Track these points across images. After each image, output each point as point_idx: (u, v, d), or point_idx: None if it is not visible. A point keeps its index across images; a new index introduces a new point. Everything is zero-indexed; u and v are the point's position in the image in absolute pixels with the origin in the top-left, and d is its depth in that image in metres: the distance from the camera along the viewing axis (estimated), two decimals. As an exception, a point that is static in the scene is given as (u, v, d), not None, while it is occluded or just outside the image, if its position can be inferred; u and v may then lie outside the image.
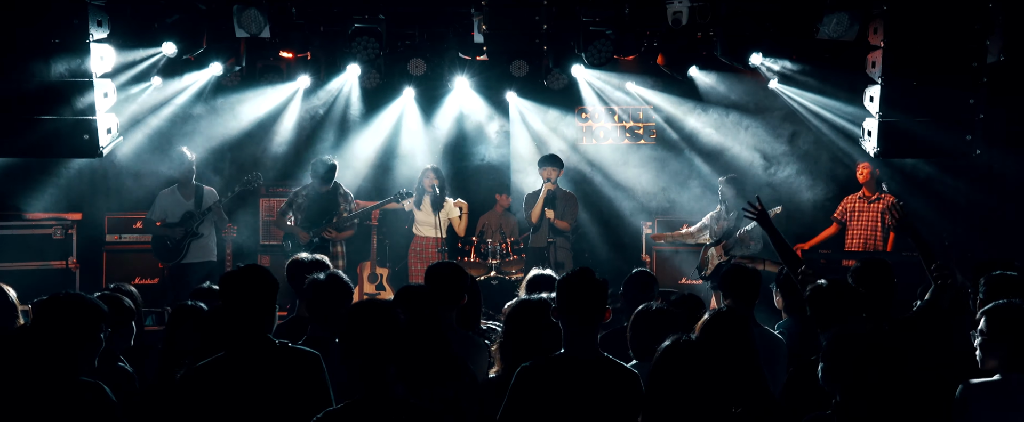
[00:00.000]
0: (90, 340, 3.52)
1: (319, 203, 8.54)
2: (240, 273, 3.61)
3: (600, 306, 3.56)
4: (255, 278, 3.60)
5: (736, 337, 3.70)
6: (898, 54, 6.57)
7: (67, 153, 7.30)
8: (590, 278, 3.59)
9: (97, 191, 9.73)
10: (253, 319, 3.52)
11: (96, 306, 3.57)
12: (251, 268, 3.66)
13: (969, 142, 6.66)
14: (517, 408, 3.48)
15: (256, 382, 3.43)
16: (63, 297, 3.55)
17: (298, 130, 10.04)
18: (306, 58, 9.02)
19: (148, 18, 7.64)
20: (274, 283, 3.63)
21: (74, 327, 3.45)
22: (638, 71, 9.77)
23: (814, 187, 9.65)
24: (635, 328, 4.19)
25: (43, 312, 3.51)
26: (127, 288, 4.76)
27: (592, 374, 3.48)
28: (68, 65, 6.38)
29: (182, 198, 8.45)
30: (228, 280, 3.59)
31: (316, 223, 8.49)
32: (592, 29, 7.66)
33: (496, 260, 8.99)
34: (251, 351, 3.49)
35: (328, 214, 8.50)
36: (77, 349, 3.41)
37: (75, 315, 3.47)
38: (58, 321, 3.45)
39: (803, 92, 8.74)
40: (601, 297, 3.57)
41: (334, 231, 8.52)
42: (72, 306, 3.50)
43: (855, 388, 3.10)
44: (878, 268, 4.59)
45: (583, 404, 3.42)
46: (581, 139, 10.60)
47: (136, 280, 8.93)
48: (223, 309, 3.59)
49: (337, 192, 8.60)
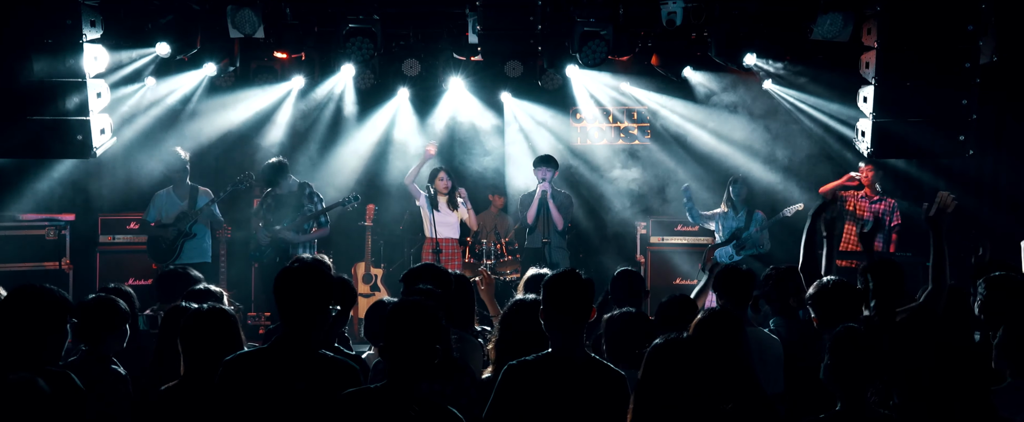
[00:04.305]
0: (55, 332, 3.48)
1: (284, 204, 8.44)
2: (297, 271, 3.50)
3: (586, 306, 3.57)
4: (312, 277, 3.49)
5: (728, 335, 3.72)
6: (891, 55, 6.59)
7: (60, 153, 7.29)
8: (575, 278, 3.61)
9: (90, 192, 9.70)
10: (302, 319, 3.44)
11: (62, 298, 3.54)
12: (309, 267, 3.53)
13: (962, 142, 6.69)
14: (503, 407, 3.49)
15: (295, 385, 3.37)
16: (28, 288, 3.51)
17: (292, 131, 10.02)
18: (300, 58, 9.02)
19: (142, 18, 7.64)
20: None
21: (39, 317, 3.41)
22: (632, 72, 9.77)
23: (807, 188, 9.67)
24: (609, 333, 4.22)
25: (8, 303, 3.49)
26: (123, 289, 4.73)
27: (578, 373, 3.49)
28: (61, 65, 6.37)
29: (177, 198, 8.42)
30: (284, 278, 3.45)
31: (277, 224, 8.41)
32: (586, 30, 7.67)
33: (490, 261, 8.99)
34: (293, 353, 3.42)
35: (291, 216, 8.42)
36: (42, 340, 3.38)
37: (40, 306, 3.44)
38: (23, 311, 3.42)
39: (797, 93, 8.76)
40: (587, 297, 3.59)
41: (293, 233, 8.33)
42: (37, 297, 3.47)
43: (859, 387, 3.13)
44: (887, 268, 4.55)
45: (568, 403, 3.44)
46: (576, 139, 10.61)
47: (130, 281, 8.89)
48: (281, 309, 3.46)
49: (303, 193, 8.47)
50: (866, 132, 6.87)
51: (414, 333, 3.11)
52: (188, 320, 3.72)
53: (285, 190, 8.40)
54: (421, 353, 3.11)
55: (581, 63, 8.04)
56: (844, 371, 3.17)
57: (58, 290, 3.52)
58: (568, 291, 3.56)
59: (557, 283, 3.60)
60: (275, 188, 8.39)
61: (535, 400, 3.44)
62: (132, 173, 9.48)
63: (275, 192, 8.43)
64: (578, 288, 3.57)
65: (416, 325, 3.12)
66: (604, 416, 3.44)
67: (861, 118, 7.04)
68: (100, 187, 9.71)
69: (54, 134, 6.50)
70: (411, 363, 3.10)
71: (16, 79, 6.36)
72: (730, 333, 3.75)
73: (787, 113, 9.33)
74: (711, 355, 3.31)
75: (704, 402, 3.15)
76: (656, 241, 9.93)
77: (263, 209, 8.50)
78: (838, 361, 3.19)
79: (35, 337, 3.37)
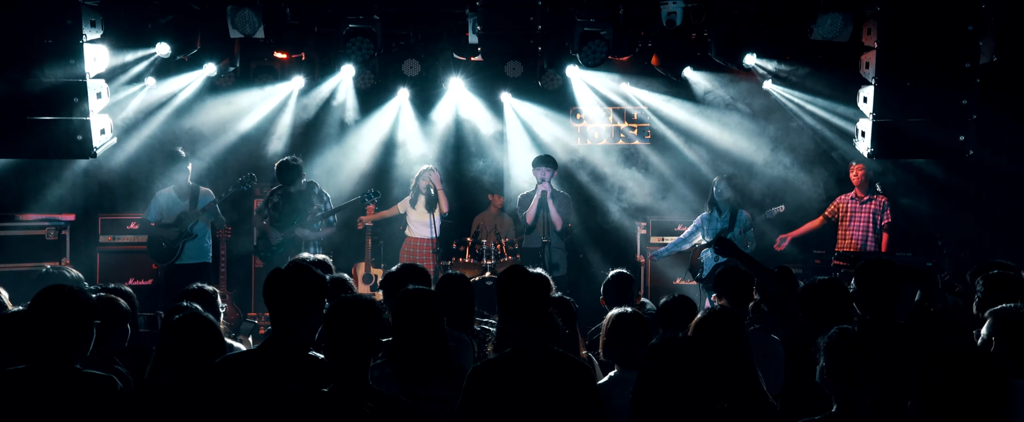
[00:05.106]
0: (83, 332, 3.50)
1: (293, 203, 8.49)
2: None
3: (542, 302, 3.62)
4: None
5: (728, 335, 3.73)
6: (892, 55, 6.59)
7: (60, 154, 7.27)
8: (526, 275, 3.67)
9: (90, 192, 9.70)
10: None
11: (89, 298, 3.57)
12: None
13: (962, 142, 6.69)
14: (471, 407, 3.53)
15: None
16: (59, 288, 3.53)
17: (292, 131, 10.02)
18: (300, 59, 9.02)
19: (142, 18, 7.64)
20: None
21: (69, 317, 3.43)
22: (632, 72, 9.77)
23: (807, 188, 9.67)
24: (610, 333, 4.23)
25: (42, 303, 3.51)
26: (123, 289, 4.72)
27: (542, 368, 3.53)
28: (61, 66, 6.36)
29: (178, 198, 8.43)
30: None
31: (288, 223, 8.47)
32: (586, 30, 7.67)
33: (490, 261, 8.98)
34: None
35: (301, 214, 8.47)
36: (75, 339, 3.43)
37: (70, 306, 3.46)
38: (54, 311, 3.43)
39: (797, 93, 8.76)
40: (536, 292, 3.64)
41: (305, 231, 8.45)
42: (68, 297, 3.49)
43: (853, 388, 3.12)
44: (881, 268, 4.54)
45: (533, 398, 3.48)
46: (575, 140, 10.61)
47: (130, 281, 8.89)
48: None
49: (312, 192, 8.55)
50: (866, 132, 6.87)
51: (352, 328, 3.15)
52: (163, 329, 3.81)
53: (296, 189, 8.44)
54: (363, 347, 3.15)
55: (581, 63, 8.04)
56: (839, 373, 3.17)
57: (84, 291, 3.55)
58: (521, 289, 3.61)
59: (506, 282, 3.66)
60: (288, 186, 8.44)
61: (498, 397, 3.49)
62: (132, 173, 9.47)
63: (285, 190, 8.48)
64: (531, 285, 3.63)
65: (354, 320, 3.16)
66: (568, 408, 3.48)
67: (861, 118, 7.04)
68: (100, 187, 9.70)
69: (54, 134, 6.49)
70: (355, 358, 3.14)
71: (16, 79, 6.35)
72: (730, 332, 3.76)
73: (787, 113, 9.33)
74: (710, 354, 3.32)
75: (703, 401, 3.16)
76: (656, 241, 9.92)
77: (269, 207, 8.53)
78: (833, 363, 3.19)
79: (68, 337, 3.41)
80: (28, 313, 3.47)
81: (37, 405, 3.31)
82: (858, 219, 8.95)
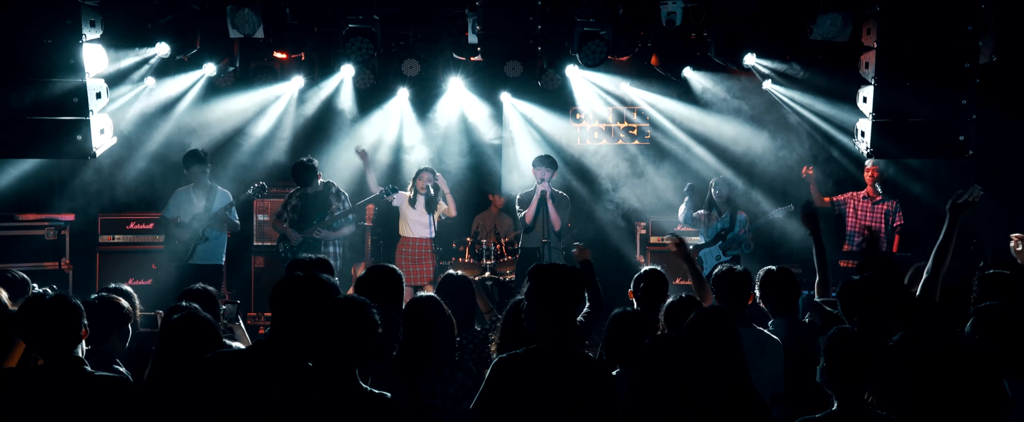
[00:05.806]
0: (71, 334, 3.52)
1: (312, 203, 8.53)
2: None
3: (572, 299, 3.59)
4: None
5: (721, 335, 3.73)
6: (891, 55, 6.59)
7: (60, 154, 7.26)
8: (561, 272, 3.62)
9: (90, 192, 9.70)
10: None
11: (74, 302, 3.58)
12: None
13: (962, 142, 6.69)
14: (491, 399, 3.53)
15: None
16: (40, 296, 3.55)
17: (292, 131, 10.03)
18: (300, 58, 9.02)
19: (141, 18, 7.64)
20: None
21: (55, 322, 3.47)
22: (632, 72, 9.78)
23: (806, 188, 9.66)
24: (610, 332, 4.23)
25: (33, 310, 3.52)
26: (124, 290, 4.72)
27: (564, 367, 3.51)
28: (61, 66, 6.35)
29: (194, 198, 8.39)
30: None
31: (308, 223, 8.49)
32: (586, 30, 7.67)
33: (490, 261, 8.99)
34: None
35: (320, 214, 8.49)
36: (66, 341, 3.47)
37: (55, 310, 3.48)
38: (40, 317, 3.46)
39: (797, 93, 8.77)
40: (574, 291, 3.60)
41: (325, 231, 8.49)
42: (51, 302, 3.50)
43: (855, 387, 3.13)
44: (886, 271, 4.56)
45: (553, 396, 3.47)
46: (575, 139, 10.61)
47: (130, 281, 8.90)
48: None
49: (329, 191, 8.58)
50: (866, 132, 6.87)
51: (345, 329, 3.17)
52: (162, 328, 3.83)
53: (313, 190, 8.45)
54: (354, 348, 3.18)
55: (581, 63, 8.04)
56: (839, 372, 3.19)
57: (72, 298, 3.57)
58: (553, 286, 3.57)
59: (541, 279, 3.60)
60: (305, 187, 8.47)
61: (520, 392, 3.48)
62: (132, 173, 9.47)
63: (303, 192, 8.50)
64: (563, 282, 3.58)
65: (346, 321, 3.19)
66: (587, 409, 3.47)
67: (861, 118, 7.04)
68: (100, 187, 9.70)
69: (54, 134, 6.48)
70: (347, 359, 3.16)
71: (15, 79, 6.35)
72: (722, 332, 3.76)
73: (787, 113, 9.33)
74: (703, 354, 3.32)
75: (695, 400, 3.17)
76: (656, 241, 9.93)
77: (287, 210, 8.56)
78: (833, 362, 3.21)
79: (61, 339, 3.45)
80: (17, 320, 3.49)
81: (52, 405, 3.34)
82: (869, 219, 8.95)
